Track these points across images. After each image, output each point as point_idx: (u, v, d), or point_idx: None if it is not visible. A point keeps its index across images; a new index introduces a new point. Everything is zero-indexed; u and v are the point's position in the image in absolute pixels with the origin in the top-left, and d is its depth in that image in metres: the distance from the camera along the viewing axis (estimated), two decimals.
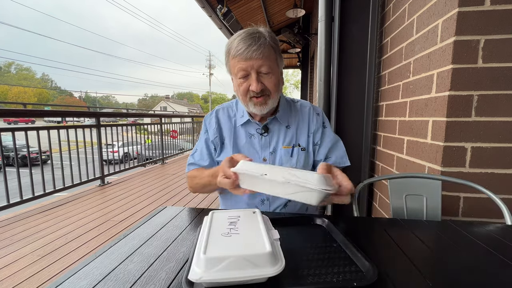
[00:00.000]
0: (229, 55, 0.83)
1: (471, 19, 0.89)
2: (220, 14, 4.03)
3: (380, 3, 1.56)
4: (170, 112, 27.91)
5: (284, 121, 0.94)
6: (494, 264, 0.50)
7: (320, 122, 0.97)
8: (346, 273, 0.45)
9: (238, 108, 0.98)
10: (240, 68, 0.80)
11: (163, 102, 54.81)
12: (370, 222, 0.78)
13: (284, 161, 0.91)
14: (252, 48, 0.77)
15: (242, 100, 0.88)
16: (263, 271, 0.41)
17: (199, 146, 0.99)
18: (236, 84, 0.86)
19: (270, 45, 0.81)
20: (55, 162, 3.05)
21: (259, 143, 0.93)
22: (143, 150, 5.65)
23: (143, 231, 0.65)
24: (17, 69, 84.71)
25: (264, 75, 0.82)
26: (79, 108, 25.34)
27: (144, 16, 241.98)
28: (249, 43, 0.77)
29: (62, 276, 0.47)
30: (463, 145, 0.95)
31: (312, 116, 0.97)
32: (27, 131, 2.69)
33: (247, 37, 0.79)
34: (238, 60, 0.80)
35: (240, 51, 0.78)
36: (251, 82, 0.81)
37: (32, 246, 1.89)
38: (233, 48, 0.80)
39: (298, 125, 0.95)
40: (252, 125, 0.94)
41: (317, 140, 0.95)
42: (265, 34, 0.81)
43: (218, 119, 0.97)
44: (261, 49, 0.78)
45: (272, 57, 0.82)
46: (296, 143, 0.93)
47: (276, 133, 0.93)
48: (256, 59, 0.78)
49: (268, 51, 0.80)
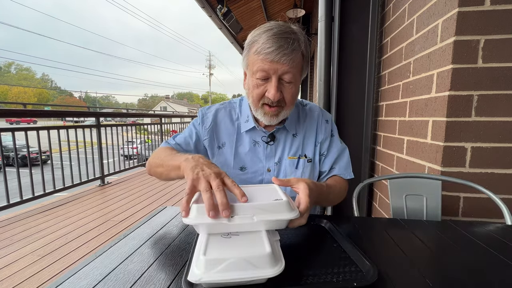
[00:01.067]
0: (252, 49, 0.72)
1: (471, 19, 0.90)
2: (220, 14, 4.04)
3: (380, 3, 1.56)
4: (170, 112, 27.91)
5: (291, 129, 0.86)
6: (494, 264, 0.50)
7: (329, 131, 0.90)
8: (346, 273, 0.45)
9: (242, 111, 0.88)
10: (262, 69, 0.70)
11: (163, 102, 54.81)
12: (370, 222, 0.78)
13: (288, 173, 0.83)
14: (283, 51, 0.67)
15: (252, 104, 0.78)
16: (263, 272, 0.40)
17: (186, 133, 0.88)
18: (251, 83, 0.75)
19: (302, 52, 0.72)
20: (55, 162, 3.05)
21: (264, 152, 0.84)
22: (143, 150, 5.65)
23: (143, 231, 0.65)
24: (17, 69, 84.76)
25: (285, 84, 0.73)
26: (79, 108, 25.33)
27: (144, 16, 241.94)
28: (281, 44, 0.67)
29: (62, 276, 0.47)
30: (463, 145, 0.95)
31: (320, 124, 0.89)
32: (27, 131, 2.69)
33: (280, 36, 0.68)
34: (262, 59, 0.69)
35: (268, 50, 0.67)
36: (270, 88, 0.71)
37: (32, 246, 1.89)
38: (260, 43, 0.69)
39: (305, 134, 0.87)
40: (257, 132, 0.85)
41: (323, 151, 0.88)
42: (300, 38, 0.71)
43: (216, 120, 0.88)
44: (292, 55, 0.68)
45: (299, 66, 0.73)
46: (303, 153, 0.86)
47: (282, 142, 0.85)
48: (283, 64, 0.68)
49: (298, 58, 0.71)
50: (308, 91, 7.29)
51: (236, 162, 0.84)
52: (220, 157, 0.86)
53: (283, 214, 0.49)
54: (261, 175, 0.84)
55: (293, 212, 0.50)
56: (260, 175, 0.84)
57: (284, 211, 0.49)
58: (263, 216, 0.47)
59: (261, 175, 0.84)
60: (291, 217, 0.49)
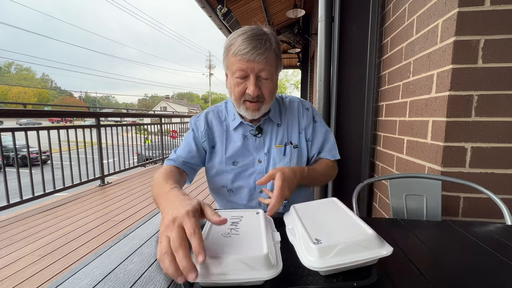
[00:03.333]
0: (230, 52, 0.79)
1: (471, 19, 0.90)
2: (220, 14, 4.04)
3: (380, 3, 1.56)
4: (170, 112, 27.91)
5: (276, 119, 0.92)
6: (494, 264, 0.50)
7: (310, 117, 0.95)
8: (346, 273, 0.45)
9: (228, 111, 0.94)
10: (240, 68, 0.77)
11: (163, 102, 54.81)
12: (370, 222, 0.77)
13: (277, 161, 0.89)
14: (257, 51, 0.74)
15: (234, 101, 0.85)
16: (259, 274, 0.40)
17: (184, 143, 0.92)
18: (232, 83, 0.82)
19: (274, 50, 0.79)
20: (55, 162, 3.05)
21: (253, 145, 0.90)
22: (143, 150, 5.66)
23: (143, 231, 0.65)
24: (17, 69, 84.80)
25: (263, 80, 0.80)
26: (79, 108, 25.33)
27: (144, 16, 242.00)
28: (255, 45, 0.75)
29: (62, 276, 0.47)
30: (463, 145, 0.95)
31: (301, 112, 0.95)
32: (27, 131, 2.69)
33: (253, 38, 0.76)
34: (239, 60, 0.76)
35: (243, 51, 0.75)
36: (249, 85, 0.78)
37: (32, 246, 1.89)
38: (236, 45, 0.77)
39: (288, 122, 0.93)
40: (245, 126, 0.91)
41: (308, 136, 0.94)
42: (271, 38, 0.79)
43: (208, 121, 0.93)
44: (265, 54, 0.76)
45: (273, 63, 0.81)
46: (288, 141, 0.92)
47: (269, 133, 0.92)
48: (259, 62, 0.76)
49: (272, 56, 0.79)
50: (308, 91, 7.29)
51: (227, 158, 0.90)
52: (214, 156, 0.92)
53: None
54: (253, 167, 0.90)
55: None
56: (252, 167, 0.90)
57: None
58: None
59: (252, 166, 0.90)
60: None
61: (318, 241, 0.45)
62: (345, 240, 0.44)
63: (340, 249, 0.43)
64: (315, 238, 0.46)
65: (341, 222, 0.53)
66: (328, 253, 0.43)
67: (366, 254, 0.43)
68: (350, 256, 0.43)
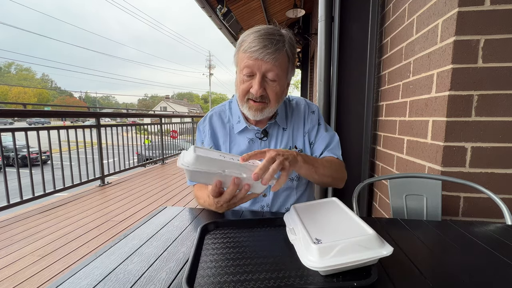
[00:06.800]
0: (240, 48, 0.78)
1: (471, 19, 0.89)
2: (220, 14, 4.04)
3: (380, 3, 1.56)
4: (170, 112, 27.90)
5: (282, 123, 0.92)
6: (494, 264, 0.50)
7: (316, 120, 0.95)
8: (346, 273, 0.45)
9: (232, 113, 0.93)
10: (247, 65, 0.75)
11: (163, 102, 54.84)
12: (370, 222, 0.77)
13: None
14: (267, 50, 0.72)
15: (238, 98, 0.84)
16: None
17: None
18: (239, 79, 0.81)
19: (286, 53, 0.77)
20: (55, 163, 3.05)
21: (259, 148, 0.89)
22: (143, 150, 5.65)
23: (143, 231, 0.65)
24: (17, 69, 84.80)
25: (269, 81, 0.77)
26: (79, 108, 25.31)
27: (144, 16, 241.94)
28: (265, 44, 0.72)
29: (63, 276, 0.47)
30: (463, 145, 0.95)
31: (307, 115, 0.94)
32: (27, 131, 2.69)
33: (265, 36, 0.74)
34: (248, 57, 0.74)
35: (253, 49, 0.73)
36: (253, 83, 0.77)
37: (32, 246, 1.89)
38: (247, 42, 0.75)
39: (293, 126, 0.93)
40: (250, 130, 0.90)
41: (312, 139, 0.93)
42: (285, 40, 0.76)
43: (212, 125, 0.93)
44: (275, 54, 0.73)
45: (284, 66, 0.78)
46: (293, 145, 0.91)
47: (274, 137, 0.91)
48: (267, 62, 0.73)
49: (282, 58, 0.76)
50: (308, 91, 7.29)
51: None
52: None
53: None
54: None
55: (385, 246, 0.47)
56: None
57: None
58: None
59: None
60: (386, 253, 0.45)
61: (318, 241, 0.45)
62: (345, 240, 0.44)
63: (340, 249, 0.43)
64: (315, 238, 0.46)
65: (341, 222, 0.53)
66: (328, 253, 0.43)
67: (367, 254, 0.43)
68: (350, 256, 0.43)
